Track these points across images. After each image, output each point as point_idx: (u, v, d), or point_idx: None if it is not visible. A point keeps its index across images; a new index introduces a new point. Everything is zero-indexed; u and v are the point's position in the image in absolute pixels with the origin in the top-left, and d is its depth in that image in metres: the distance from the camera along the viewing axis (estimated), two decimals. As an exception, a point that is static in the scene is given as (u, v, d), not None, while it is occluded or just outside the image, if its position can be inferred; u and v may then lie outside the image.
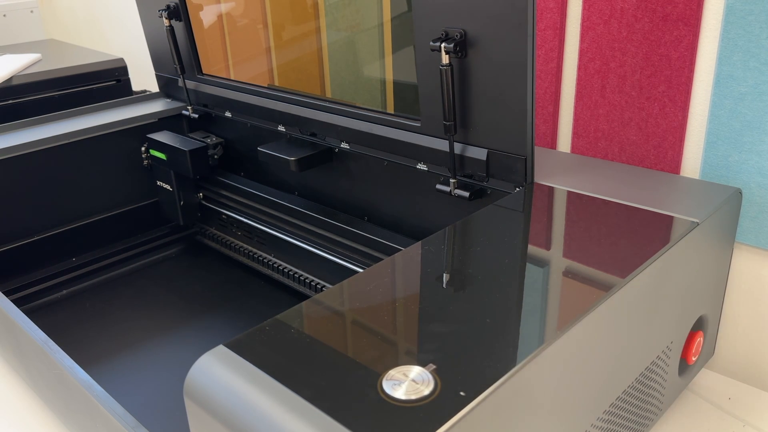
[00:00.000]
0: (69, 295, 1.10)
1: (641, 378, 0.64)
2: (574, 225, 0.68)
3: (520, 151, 0.73)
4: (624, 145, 0.88)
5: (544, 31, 0.91)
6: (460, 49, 0.72)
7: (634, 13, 0.82)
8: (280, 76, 1.05)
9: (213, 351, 0.49)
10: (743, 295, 0.83)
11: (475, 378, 0.45)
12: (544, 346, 0.48)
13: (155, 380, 0.89)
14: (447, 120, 0.75)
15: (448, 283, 0.57)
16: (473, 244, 0.64)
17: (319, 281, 1.03)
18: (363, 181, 0.95)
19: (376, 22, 0.89)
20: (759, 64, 0.74)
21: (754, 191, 0.78)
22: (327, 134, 0.97)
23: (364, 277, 0.59)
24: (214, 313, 1.03)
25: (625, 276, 0.57)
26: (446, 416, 0.41)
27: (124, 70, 1.47)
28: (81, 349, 0.95)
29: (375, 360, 0.47)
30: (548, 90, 0.94)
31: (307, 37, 0.99)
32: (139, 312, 1.05)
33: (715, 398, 0.81)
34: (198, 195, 1.21)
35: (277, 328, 0.52)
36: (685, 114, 0.82)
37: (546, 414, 0.51)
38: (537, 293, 0.55)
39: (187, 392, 0.50)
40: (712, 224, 0.70)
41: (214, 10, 1.11)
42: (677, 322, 0.69)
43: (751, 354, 0.85)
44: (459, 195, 0.79)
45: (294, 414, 0.43)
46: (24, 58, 1.44)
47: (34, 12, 2.26)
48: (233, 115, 1.13)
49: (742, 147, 0.78)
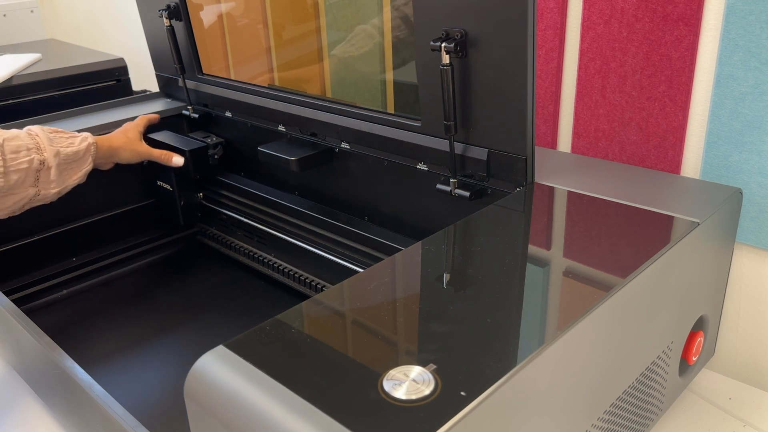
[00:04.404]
0: (69, 295, 1.10)
1: (642, 378, 0.64)
2: (575, 225, 0.68)
3: (521, 151, 0.73)
4: (624, 145, 0.88)
5: (545, 31, 0.91)
6: (461, 49, 0.72)
7: (635, 13, 0.82)
8: (281, 76, 1.05)
9: (213, 351, 0.49)
10: (744, 295, 0.83)
11: (476, 378, 0.45)
12: (545, 346, 0.48)
13: (155, 380, 0.88)
14: (447, 120, 0.75)
15: (448, 283, 0.57)
16: (474, 244, 0.64)
17: (319, 281, 1.03)
18: (363, 181, 0.95)
19: (376, 22, 0.89)
20: (759, 63, 0.74)
21: (754, 191, 0.78)
22: (327, 134, 0.96)
23: (364, 277, 0.59)
24: (214, 313, 1.03)
25: (625, 276, 0.57)
26: (447, 416, 0.41)
27: (124, 70, 1.47)
28: (81, 349, 0.95)
29: (375, 360, 0.47)
30: (548, 90, 0.93)
31: (307, 37, 0.99)
32: (139, 312, 1.05)
33: (716, 398, 0.81)
34: (198, 195, 1.21)
35: (277, 328, 0.52)
36: (686, 114, 0.82)
37: (546, 414, 0.51)
38: (537, 293, 0.55)
39: (187, 392, 0.50)
40: (712, 224, 0.70)
41: (215, 10, 1.10)
42: (677, 322, 0.69)
43: (751, 354, 0.85)
44: (459, 195, 0.79)
45: (294, 414, 0.43)
46: (24, 58, 1.44)
47: (34, 12, 2.26)
48: (233, 115, 1.13)
49: (742, 147, 0.78)
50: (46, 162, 0.87)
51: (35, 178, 0.86)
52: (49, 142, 0.88)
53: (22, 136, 0.86)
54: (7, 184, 0.83)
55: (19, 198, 0.85)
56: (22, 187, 0.85)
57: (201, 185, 1.22)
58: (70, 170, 0.91)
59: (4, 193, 0.83)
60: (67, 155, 0.90)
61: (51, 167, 0.87)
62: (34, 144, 0.86)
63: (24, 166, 0.84)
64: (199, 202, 1.21)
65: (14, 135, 0.85)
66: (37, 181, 0.86)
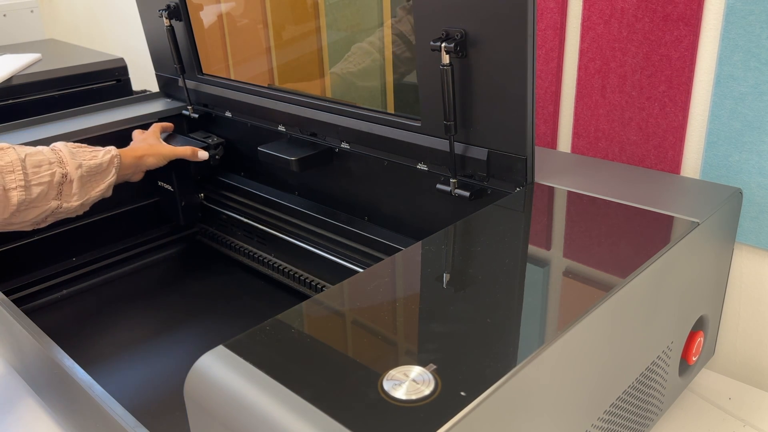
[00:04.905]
0: (69, 295, 1.10)
1: (642, 378, 0.64)
2: (575, 225, 0.68)
3: (521, 151, 0.73)
4: (624, 145, 0.88)
5: (545, 31, 0.91)
6: (461, 48, 0.72)
7: (635, 13, 0.82)
8: (281, 76, 1.05)
9: (213, 351, 0.49)
10: (743, 295, 0.83)
11: (476, 378, 0.45)
12: (545, 346, 0.48)
13: (155, 380, 0.88)
14: (447, 120, 0.75)
15: (448, 283, 0.57)
16: (474, 244, 0.64)
17: (319, 281, 1.03)
18: (363, 181, 0.95)
19: (376, 22, 0.89)
20: (759, 64, 0.74)
21: (754, 191, 0.78)
22: (327, 134, 0.96)
23: (364, 277, 0.59)
24: (214, 313, 1.03)
25: (625, 276, 0.57)
26: (447, 416, 0.41)
27: (124, 70, 1.47)
28: (81, 349, 0.94)
29: (375, 360, 0.47)
30: (548, 90, 0.93)
31: (307, 37, 0.99)
32: (139, 312, 1.05)
33: (716, 398, 0.81)
34: (199, 195, 1.21)
35: (277, 328, 0.52)
36: (686, 114, 0.82)
37: (546, 414, 0.51)
38: (537, 293, 0.55)
39: (187, 392, 0.50)
40: (712, 224, 0.70)
41: (215, 10, 1.10)
42: (677, 322, 0.69)
43: (751, 354, 0.85)
44: (459, 195, 0.79)
45: (294, 414, 0.43)
46: (24, 58, 1.44)
47: (34, 12, 2.26)
48: (233, 115, 1.13)
49: (742, 147, 0.78)
50: (69, 175, 0.89)
51: (58, 191, 0.88)
52: (71, 155, 0.90)
53: (45, 151, 0.89)
54: (29, 197, 0.85)
55: (41, 210, 0.88)
56: (45, 200, 0.87)
57: (201, 185, 1.22)
58: (93, 182, 0.93)
59: (27, 206, 0.86)
60: (90, 167, 0.92)
61: (73, 180, 0.89)
62: (57, 158, 0.89)
63: (46, 179, 0.87)
64: (199, 203, 1.21)
65: (37, 151, 0.88)
66: (60, 194, 0.89)
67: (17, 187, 0.84)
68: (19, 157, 0.85)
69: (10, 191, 0.84)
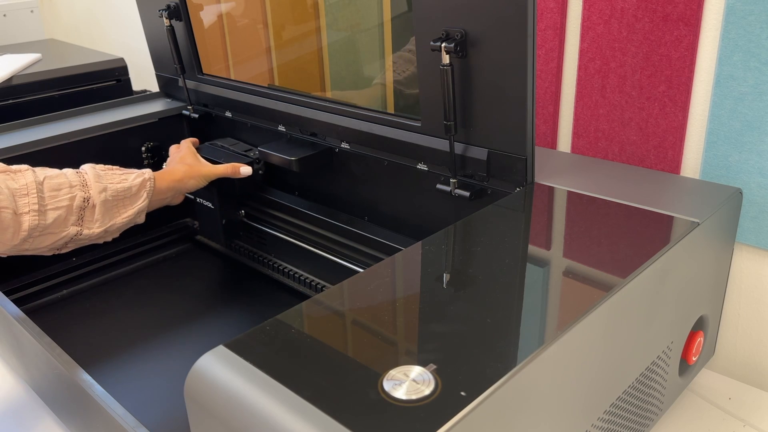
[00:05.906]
0: (69, 295, 1.10)
1: (641, 378, 0.64)
2: (575, 225, 0.68)
3: (521, 151, 0.73)
4: (624, 145, 0.88)
5: (545, 31, 0.91)
6: (461, 48, 0.72)
7: (635, 13, 0.82)
8: (280, 76, 1.05)
9: (213, 351, 0.49)
10: (743, 295, 0.83)
11: (476, 378, 0.45)
12: (545, 347, 0.48)
13: (155, 380, 0.88)
14: (447, 120, 0.75)
15: (448, 283, 0.57)
16: (474, 244, 0.64)
17: (319, 281, 1.03)
18: (363, 181, 0.95)
19: (376, 22, 0.89)
20: (759, 64, 0.74)
21: (754, 191, 0.78)
22: (327, 134, 0.96)
23: (364, 277, 0.59)
24: (214, 313, 1.03)
25: (625, 276, 0.57)
26: (447, 416, 0.41)
27: (124, 70, 1.47)
28: (81, 349, 0.94)
29: (375, 360, 0.47)
30: (548, 90, 0.94)
31: (307, 37, 0.99)
32: (139, 312, 1.05)
33: (715, 398, 0.81)
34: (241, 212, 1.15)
35: (277, 328, 0.52)
36: (686, 114, 0.82)
37: (546, 414, 0.51)
38: (537, 293, 0.55)
39: (187, 392, 0.50)
40: (712, 224, 0.70)
41: (215, 10, 1.10)
42: (677, 322, 0.69)
43: (751, 354, 0.85)
44: (459, 195, 0.79)
45: (294, 414, 0.43)
46: (24, 58, 1.44)
47: (34, 12, 2.26)
48: (233, 115, 1.13)
49: (742, 147, 0.78)
50: (91, 199, 0.82)
51: (78, 216, 0.82)
52: (96, 178, 0.84)
53: (68, 174, 0.83)
54: (43, 222, 0.79)
55: (58, 237, 0.81)
56: (63, 226, 0.81)
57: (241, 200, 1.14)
58: (118, 207, 0.86)
59: (41, 231, 0.79)
60: (116, 191, 0.85)
61: (96, 204, 0.83)
62: (79, 181, 0.82)
63: (64, 203, 0.80)
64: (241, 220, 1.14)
65: (58, 173, 0.82)
66: (81, 219, 0.82)
67: (30, 212, 0.77)
68: (37, 179, 0.79)
69: (22, 216, 0.77)
